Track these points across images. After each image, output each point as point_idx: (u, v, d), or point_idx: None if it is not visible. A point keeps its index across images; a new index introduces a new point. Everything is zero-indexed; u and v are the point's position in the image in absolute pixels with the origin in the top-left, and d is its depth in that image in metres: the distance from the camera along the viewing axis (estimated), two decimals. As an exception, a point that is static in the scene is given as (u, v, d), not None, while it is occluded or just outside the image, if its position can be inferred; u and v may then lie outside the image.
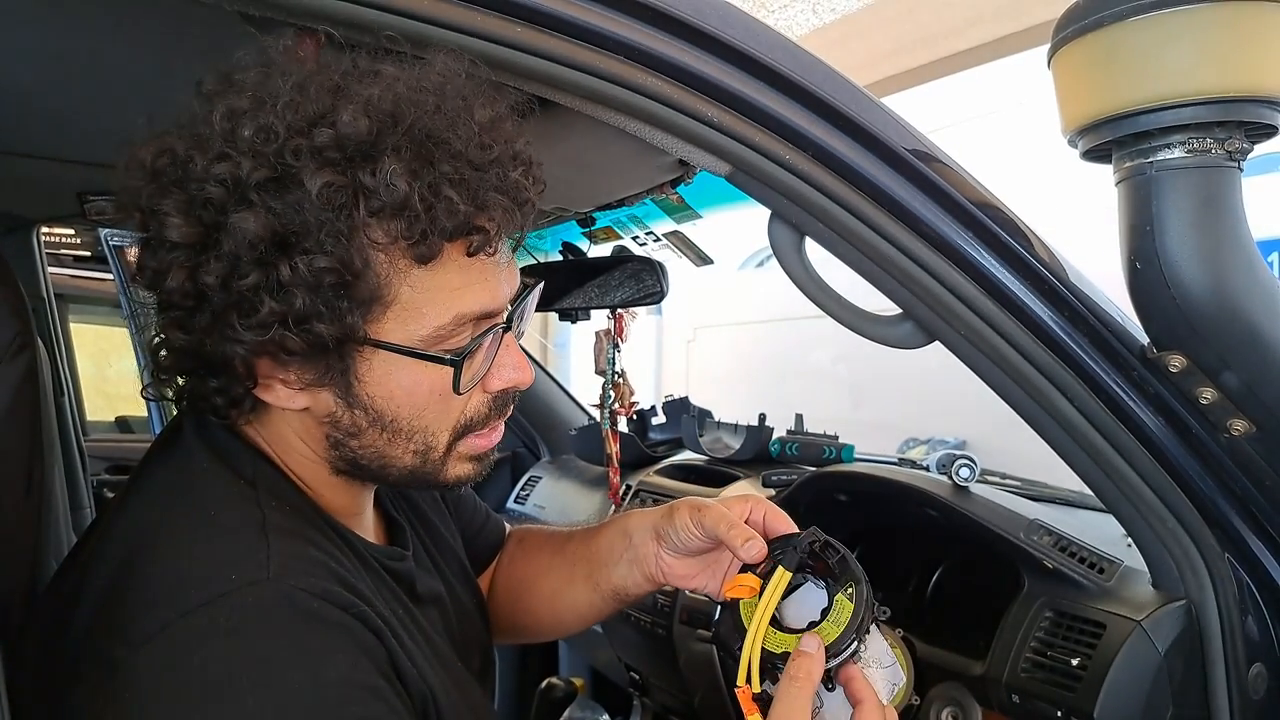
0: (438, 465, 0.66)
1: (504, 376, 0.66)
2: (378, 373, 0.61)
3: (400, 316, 0.59)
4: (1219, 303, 0.69)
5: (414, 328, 0.60)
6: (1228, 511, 0.80)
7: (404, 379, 0.61)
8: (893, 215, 0.73)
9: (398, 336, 0.60)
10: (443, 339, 0.61)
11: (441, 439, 0.65)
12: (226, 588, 0.53)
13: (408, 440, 0.64)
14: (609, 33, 0.65)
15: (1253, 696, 0.81)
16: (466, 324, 0.61)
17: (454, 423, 0.65)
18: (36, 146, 1.06)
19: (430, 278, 0.59)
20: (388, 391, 0.62)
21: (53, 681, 0.56)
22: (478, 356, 0.64)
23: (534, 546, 0.97)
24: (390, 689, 0.56)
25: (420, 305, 0.59)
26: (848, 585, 0.68)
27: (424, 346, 0.60)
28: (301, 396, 0.62)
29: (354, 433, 0.63)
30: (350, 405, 0.62)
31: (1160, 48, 0.66)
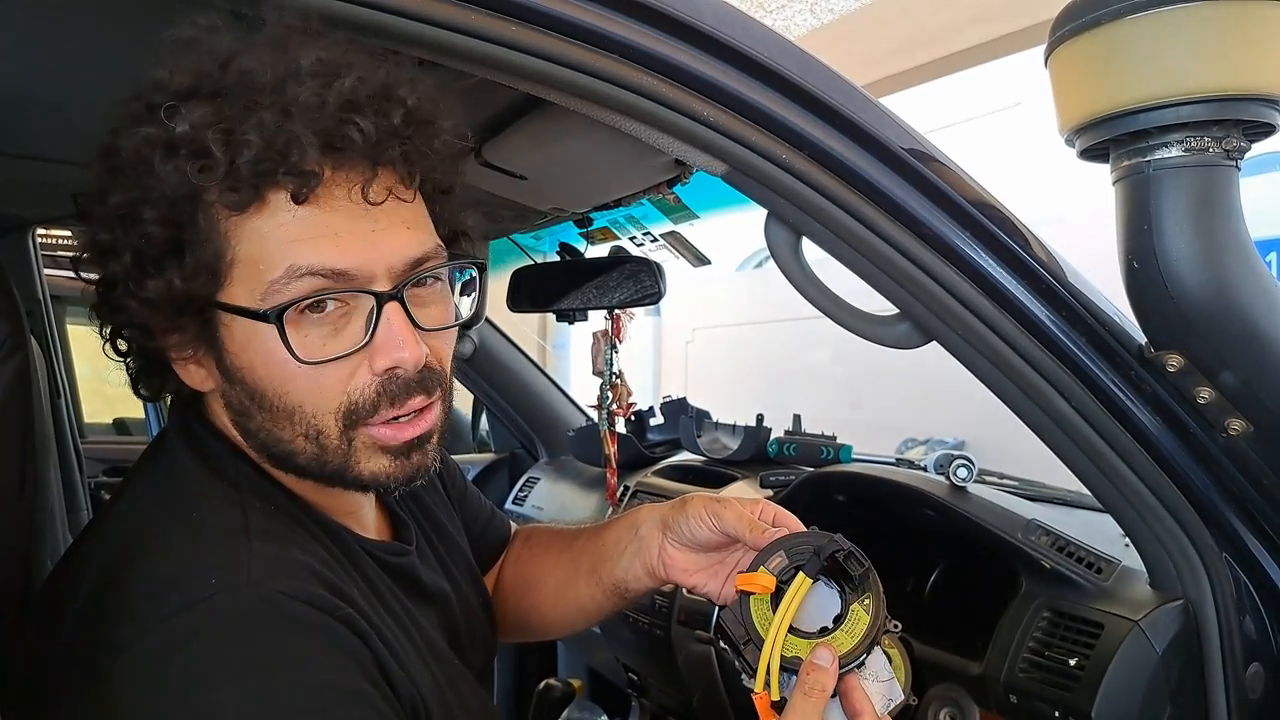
0: (341, 457, 0.61)
1: (383, 355, 0.59)
2: (239, 340, 0.59)
3: (243, 275, 0.57)
4: (1217, 302, 0.69)
5: (254, 285, 0.57)
6: (1225, 511, 0.80)
7: (261, 346, 0.58)
8: (890, 215, 0.73)
9: (239, 298, 0.58)
10: (276, 294, 0.57)
11: (328, 423, 0.60)
12: (206, 592, 0.52)
13: (290, 422, 0.60)
14: (605, 32, 0.65)
15: (1250, 696, 0.81)
16: (302, 277, 0.56)
17: (335, 404, 0.60)
18: (32, 148, 1.06)
19: (263, 229, 0.57)
20: (249, 360, 0.59)
21: (40, 685, 0.56)
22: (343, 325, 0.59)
23: (541, 544, 0.97)
24: (376, 693, 0.56)
25: (257, 261, 0.57)
26: (864, 596, 0.67)
27: (261, 304, 0.57)
28: (198, 373, 0.62)
29: (245, 413, 0.62)
30: (229, 380, 0.61)
31: (1158, 46, 0.66)
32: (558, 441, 2.05)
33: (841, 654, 0.64)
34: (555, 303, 1.55)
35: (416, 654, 0.65)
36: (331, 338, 0.59)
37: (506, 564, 0.99)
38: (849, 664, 0.64)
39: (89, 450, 1.81)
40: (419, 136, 0.60)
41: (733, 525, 0.73)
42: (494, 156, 1.10)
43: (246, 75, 0.55)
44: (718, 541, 0.76)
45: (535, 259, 1.65)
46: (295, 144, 0.54)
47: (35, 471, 0.66)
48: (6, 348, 0.60)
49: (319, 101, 0.55)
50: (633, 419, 1.83)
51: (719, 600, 0.78)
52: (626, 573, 0.83)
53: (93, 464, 2.00)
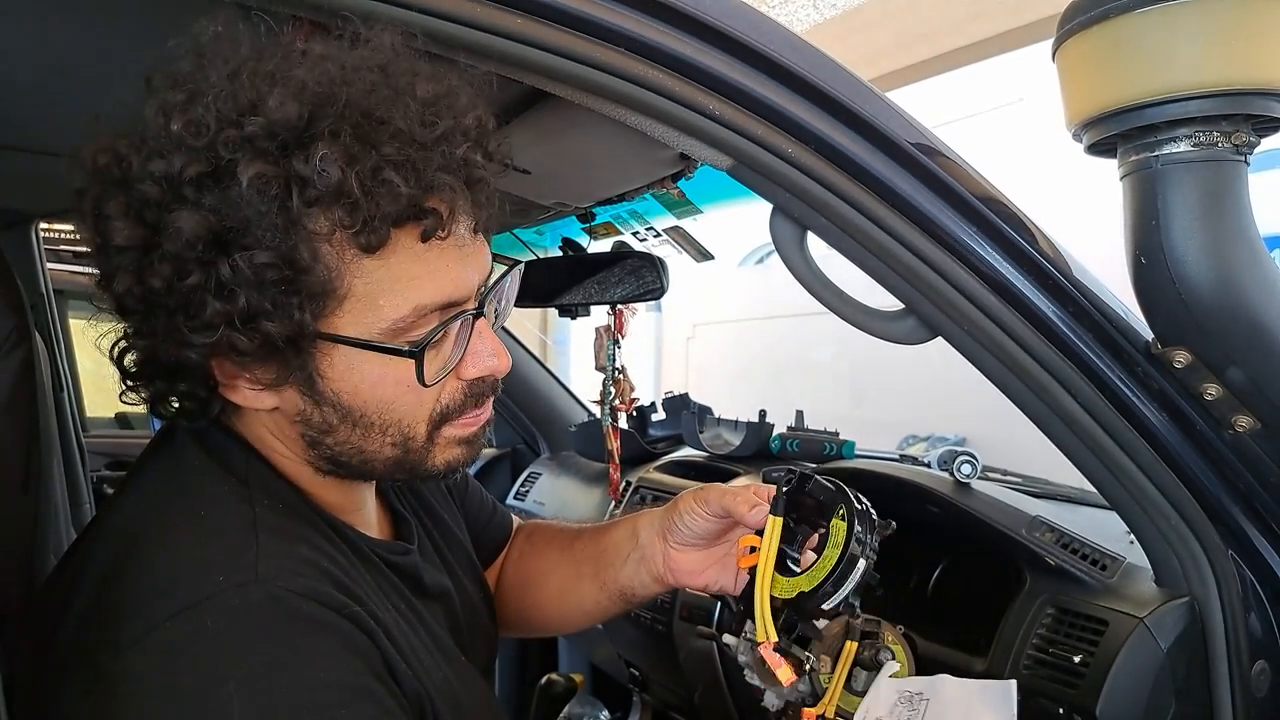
0: (422, 455, 0.64)
1: (479, 364, 0.64)
2: (340, 368, 0.59)
3: (356, 309, 0.57)
4: (1224, 298, 0.69)
5: (372, 320, 0.58)
6: (1231, 508, 0.79)
7: (368, 373, 0.59)
8: (896, 210, 0.73)
9: (355, 330, 0.58)
10: (403, 330, 0.59)
11: (419, 429, 0.63)
12: (213, 590, 0.52)
13: (382, 434, 0.62)
14: (609, 24, 0.64)
15: (1255, 694, 0.80)
16: (429, 314, 0.59)
17: (429, 413, 0.63)
18: (36, 142, 1.06)
19: (383, 267, 0.57)
20: (353, 386, 0.60)
21: (44, 681, 0.56)
22: (445, 345, 0.62)
23: (543, 542, 0.97)
24: (384, 690, 0.56)
25: (375, 297, 0.57)
26: (838, 509, 0.70)
27: (384, 339, 0.58)
28: (268, 396, 0.60)
29: (326, 430, 0.62)
30: (318, 403, 0.61)
31: (1166, 40, 0.65)
32: (559, 437, 2.05)
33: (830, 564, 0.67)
34: (558, 298, 1.55)
35: (423, 650, 0.65)
36: (435, 358, 0.62)
37: (509, 560, 0.99)
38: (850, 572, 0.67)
39: (91, 444, 1.81)
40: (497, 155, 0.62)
41: (720, 503, 0.76)
42: (497, 151, 1.09)
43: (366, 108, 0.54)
44: (715, 528, 0.78)
45: (537, 254, 1.64)
46: (433, 186, 0.55)
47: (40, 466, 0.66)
48: (11, 341, 0.60)
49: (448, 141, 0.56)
50: (635, 414, 1.83)
51: (737, 590, 0.79)
52: (633, 579, 0.84)
53: (95, 458, 2.01)
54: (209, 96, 0.53)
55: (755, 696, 0.97)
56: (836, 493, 0.71)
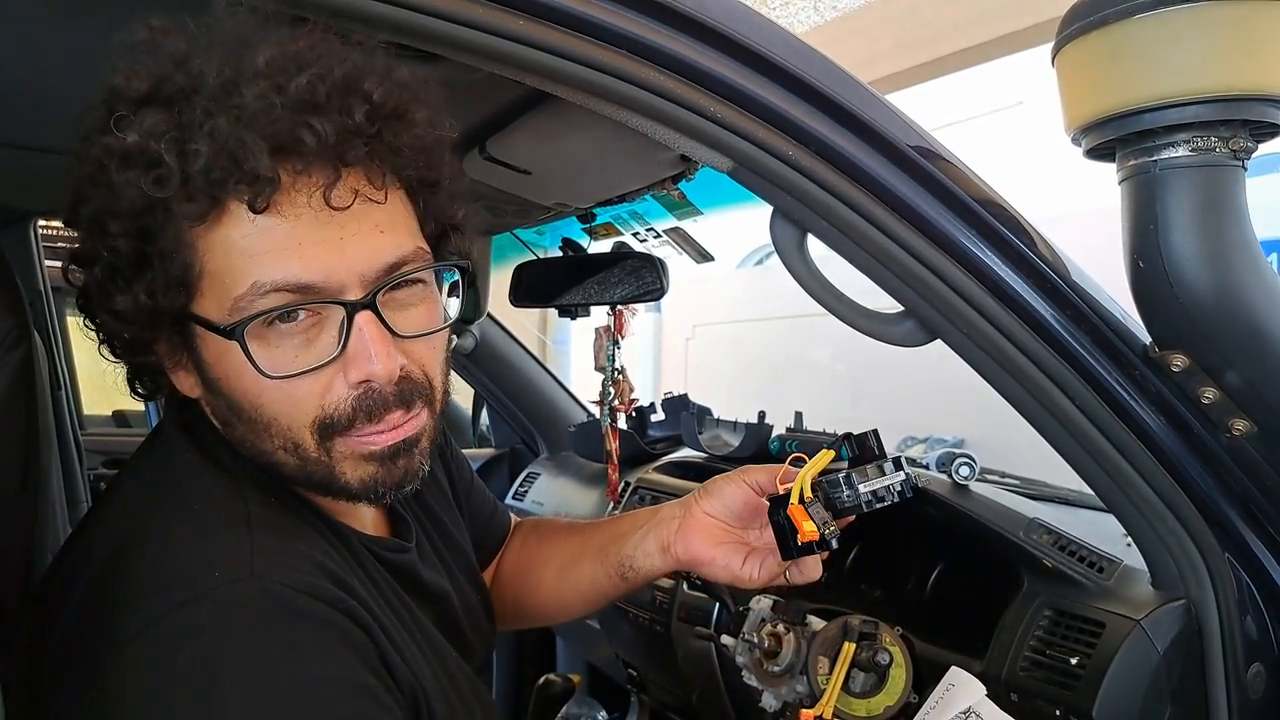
0: (325, 468, 0.60)
1: (356, 367, 0.57)
2: (213, 352, 0.59)
3: (212, 289, 0.56)
4: (1222, 302, 0.69)
5: (222, 299, 0.56)
6: (1228, 511, 0.80)
7: (232, 359, 0.57)
8: (896, 212, 0.73)
9: (209, 312, 0.57)
10: (243, 310, 0.55)
11: (304, 436, 0.59)
12: (209, 585, 0.52)
13: (268, 434, 0.59)
14: (611, 26, 0.64)
15: (1251, 696, 0.81)
16: (269, 293, 0.54)
17: (310, 417, 0.58)
18: (34, 139, 1.05)
19: (228, 241, 0.54)
20: (224, 373, 0.59)
21: (40, 678, 0.56)
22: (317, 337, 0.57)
23: (549, 532, 0.98)
24: (380, 685, 0.55)
25: (223, 275, 0.55)
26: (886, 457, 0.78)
27: (229, 320, 0.55)
28: (189, 380, 0.62)
29: (226, 421, 0.62)
30: (210, 390, 0.61)
31: (1165, 46, 0.66)
32: (558, 437, 2.05)
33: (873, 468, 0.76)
34: (558, 298, 1.55)
35: (417, 649, 0.65)
36: (303, 349, 0.57)
37: (507, 554, 0.99)
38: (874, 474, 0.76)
39: (88, 442, 1.81)
40: (388, 131, 0.56)
41: (762, 476, 0.80)
42: (498, 151, 1.09)
43: (199, 78, 0.53)
44: (748, 504, 0.80)
45: (538, 254, 1.65)
46: (245, 150, 0.51)
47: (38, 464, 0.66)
48: (11, 339, 0.60)
49: (268, 103, 0.52)
50: (634, 415, 1.83)
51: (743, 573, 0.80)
52: (636, 549, 0.84)
53: (92, 456, 2.00)
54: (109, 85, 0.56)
55: (753, 698, 0.98)
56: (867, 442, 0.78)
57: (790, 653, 0.93)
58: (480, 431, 2.34)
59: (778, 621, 0.96)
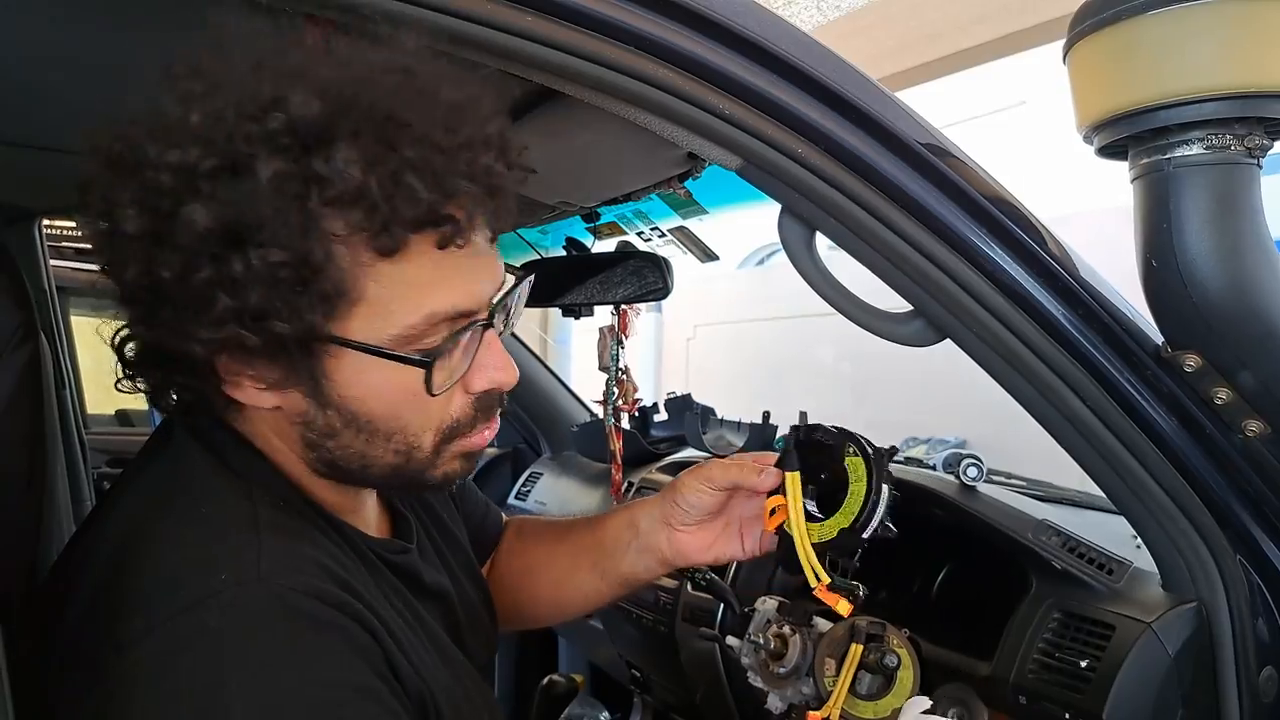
0: (425, 465, 0.63)
1: (485, 377, 0.63)
2: (347, 372, 0.58)
3: (368, 314, 0.56)
4: (1236, 302, 0.68)
5: (382, 325, 0.56)
6: (1240, 513, 0.79)
7: (375, 379, 0.58)
8: (906, 211, 0.72)
9: (366, 334, 0.57)
10: (414, 339, 0.58)
11: (425, 440, 0.62)
12: (216, 588, 0.52)
13: (386, 441, 0.61)
14: (619, 22, 0.64)
15: (1263, 700, 0.80)
16: (440, 323, 0.58)
17: (437, 424, 0.62)
18: (39, 138, 1.05)
19: (398, 272, 0.55)
20: (359, 392, 0.59)
21: (43, 679, 0.55)
22: (454, 355, 0.60)
23: (533, 536, 0.98)
24: (386, 689, 0.55)
25: (388, 302, 0.56)
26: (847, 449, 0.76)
27: (394, 346, 0.57)
28: (270, 395, 0.59)
29: (329, 433, 0.61)
30: (322, 406, 0.59)
31: (1179, 42, 0.65)
32: (561, 437, 2.05)
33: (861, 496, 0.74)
34: (561, 297, 1.55)
35: (423, 650, 0.64)
36: (442, 368, 0.60)
37: (499, 556, 0.99)
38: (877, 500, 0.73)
39: (92, 441, 1.81)
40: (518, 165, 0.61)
41: (724, 476, 0.81)
42: (503, 149, 1.09)
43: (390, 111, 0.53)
44: (718, 502, 0.82)
45: (541, 253, 1.64)
46: (453, 193, 0.54)
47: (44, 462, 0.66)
48: (18, 338, 0.60)
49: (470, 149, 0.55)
50: (637, 415, 1.82)
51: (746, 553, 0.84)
52: (635, 566, 0.86)
53: (96, 455, 2.00)
54: (230, 89, 0.52)
55: (758, 699, 0.97)
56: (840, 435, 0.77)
57: (796, 654, 0.92)
58: (483, 431, 2.34)
59: (783, 622, 0.95)
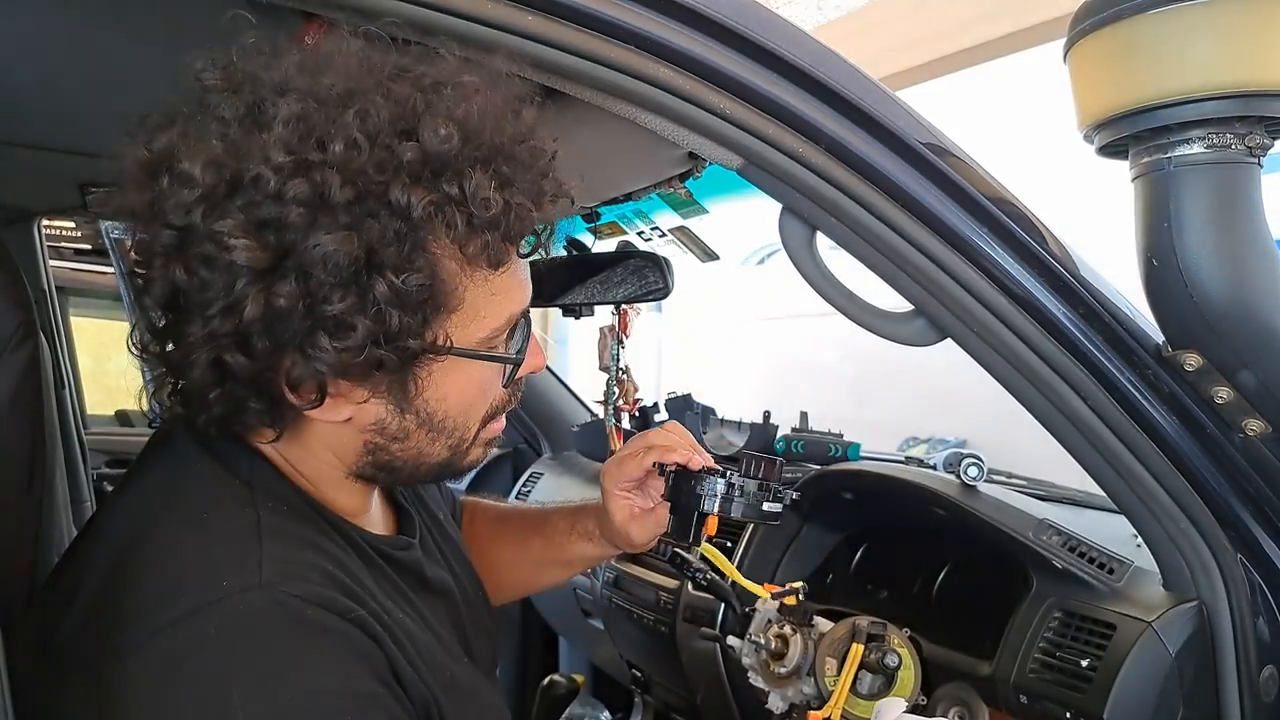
0: (463, 455, 0.67)
1: (528, 364, 0.68)
2: (436, 376, 0.61)
3: (463, 321, 0.60)
4: (1237, 301, 0.68)
5: (473, 330, 0.61)
6: (1241, 512, 0.79)
7: (460, 380, 0.62)
8: (907, 210, 0.72)
9: (461, 339, 0.61)
10: (495, 338, 0.63)
11: (473, 429, 0.67)
12: (218, 595, 0.52)
13: (449, 437, 0.65)
14: (620, 22, 0.64)
15: (1264, 699, 0.80)
16: (515, 321, 0.64)
17: (482, 413, 0.67)
18: (38, 138, 1.05)
19: (494, 281, 0.61)
20: (442, 394, 0.62)
21: (42, 683, 0.55)
22: None
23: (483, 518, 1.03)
24: (389, 695, 0.55)
25: (479, 307, 0.60)
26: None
27: (484, 348, 0.62)
28: (349, 408, 0.60)
29: (399, 437, 0.63)
30: (402, 411, 0.62)
31: (1180, 41, 0.65)
32: (561, 436, 2.05)
33: None
34: (561, 297, 1.55)
35: (428, 652, 0.64)
36: None
37: None
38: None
39: (91, 442, 1.80)
40: None
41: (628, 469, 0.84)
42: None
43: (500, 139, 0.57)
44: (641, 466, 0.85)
45: (541, 253, 1.64)
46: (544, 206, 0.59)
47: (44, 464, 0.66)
48: (17, 338, 0.60)
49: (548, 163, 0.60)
50: (638, 414, 1.82)
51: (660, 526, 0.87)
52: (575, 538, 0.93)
53: (95, 455, 2.00)
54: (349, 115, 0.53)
55: (759, 699, 0.97)
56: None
57: (797, 654, 0.92)
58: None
59: (784, 623, 0.95)
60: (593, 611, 1.67)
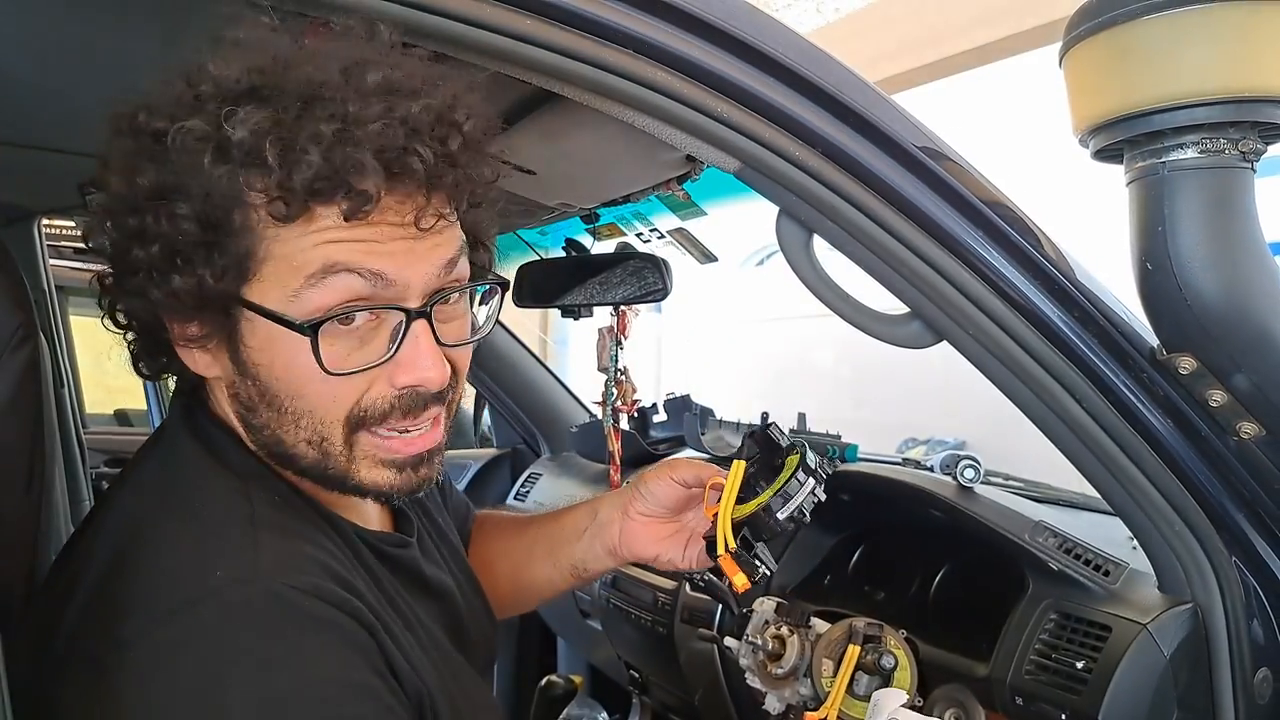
0: (342, 463, 0.61)
1: (408, 372, 0.59)
2: (260, 338, 0.58)
3: (275, 274, 0.56)
4: (1231, 304, 0.69)
5: (272, 286, 0.56)
6: (1235, 515, 0.79)
7: (282, 349, 0.58)
8: (903, 213, 0.73)
9: (270, 300, 0.57)
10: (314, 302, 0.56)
11: (334, 430, 0.60)
12: (214, 586, 0.52)
13: (295, 424, 0.60)
14: (617, 26, 0.64)
15: (1258, 701, 0.80)
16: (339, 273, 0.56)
17: (345, 412, 0.59)
18: (38, 138, 1.06)
19: (302, 236, 0.55)
20: (269, 359, 0.58)
21: (42, 679, 0.55)
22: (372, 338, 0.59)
23: (493, 529, 1.00)
24: (384, 686, 0.56)
25: (291, 259, 0.56)
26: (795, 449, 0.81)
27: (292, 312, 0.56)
28: (204, 358, 0.61)
29: (250, 407, 0.61)
30: (241, 374, 0.60)
31: (1174, 47, 0.65)
32: (560, 437, 2.05)
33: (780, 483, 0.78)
34: (561, 298, 1.55)
35: (421, 649, 0.64)
36: (356, 349, 0.58)
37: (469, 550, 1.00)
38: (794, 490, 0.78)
39: (90, 441, 1.81)
40: (471, 162, 0.59)
41: (689, 470, 0.84)
42: (502, 151, 1.09)
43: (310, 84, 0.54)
44: (678, 497, 0.85)
45: (541, 254, 1.64)
46: (356, 166, 0.53)
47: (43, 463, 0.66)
48: (18, 338, 0.60)
49: (383, 124, 0.54)
50: (636, 415, 1.83)
51: (684, 563, 0.86)
52: (586, 553, 0.89)
53: (94, 455, 2.00)
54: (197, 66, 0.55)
55: (756, 700, 0.97)
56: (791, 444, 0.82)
57: (794, 655, 0.93)
58: (482, 431, 2.34)
59: (782, 624, 0.96)
60: (591, 612, 1.67)
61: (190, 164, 0.54)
